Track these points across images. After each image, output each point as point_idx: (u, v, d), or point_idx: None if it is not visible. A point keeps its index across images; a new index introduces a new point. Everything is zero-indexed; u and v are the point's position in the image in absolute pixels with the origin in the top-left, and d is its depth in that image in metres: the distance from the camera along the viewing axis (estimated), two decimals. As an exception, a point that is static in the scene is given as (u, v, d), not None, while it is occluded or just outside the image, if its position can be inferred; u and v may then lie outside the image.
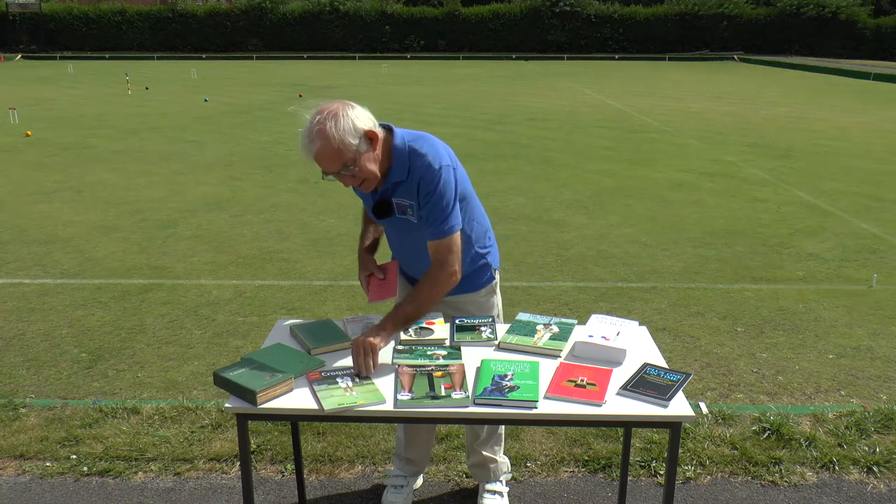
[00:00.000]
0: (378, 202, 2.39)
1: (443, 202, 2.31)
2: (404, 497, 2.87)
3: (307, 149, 2.18)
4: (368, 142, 2.22)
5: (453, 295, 2.55)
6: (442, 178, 2.29)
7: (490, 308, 2.67)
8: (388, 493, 2.88)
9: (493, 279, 2.67)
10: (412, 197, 2.33)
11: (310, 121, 2.18)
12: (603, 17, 40.30)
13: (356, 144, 2.18)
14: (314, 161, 2.19)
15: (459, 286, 2.49)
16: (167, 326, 4.53)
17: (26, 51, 36.69)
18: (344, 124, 2.16)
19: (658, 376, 2.13)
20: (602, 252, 6.07)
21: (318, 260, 5.83)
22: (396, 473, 2.92)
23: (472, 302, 2.63)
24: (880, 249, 6.22)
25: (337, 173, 2.22)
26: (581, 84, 23.08)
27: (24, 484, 2.97)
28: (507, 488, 2.92)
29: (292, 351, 2.27)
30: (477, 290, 2.62)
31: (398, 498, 2.85)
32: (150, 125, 13.21)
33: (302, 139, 2.19)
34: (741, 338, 4.44)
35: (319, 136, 2.15)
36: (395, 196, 2.37)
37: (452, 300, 2.58)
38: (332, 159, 2.18)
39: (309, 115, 2.20)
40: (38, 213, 7.15)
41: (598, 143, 11.58)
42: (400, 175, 2.31)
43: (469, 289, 2.59)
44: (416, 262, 2.50)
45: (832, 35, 39.55)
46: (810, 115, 15.68)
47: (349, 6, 39.69)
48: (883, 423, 3.42)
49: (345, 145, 2.16)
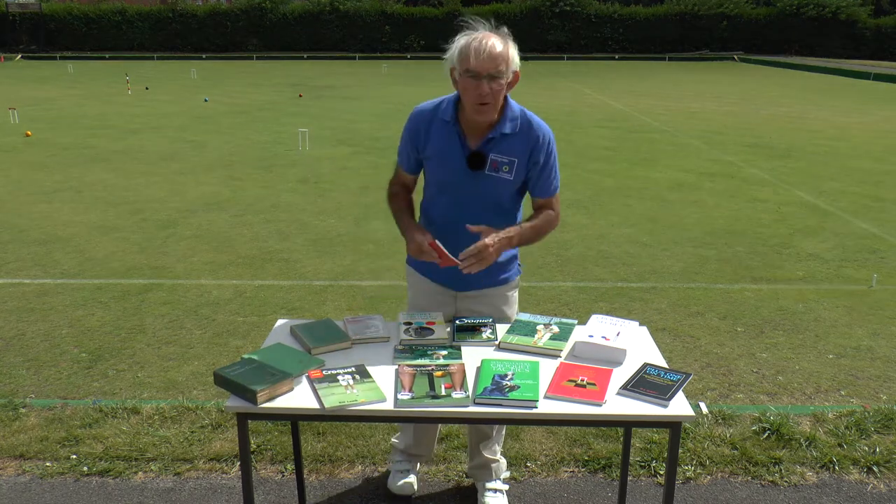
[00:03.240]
0: (475, 153, 2.44)
1: (556, 162, 2.55)
2: (412, 481, 2.93)
3: (488, 44, 2.28)
4: (513, 75, 2.38)
5: (483, 288, 2.60)
6: (554, 141, 2.54)
7: (512, 303, 2.72)
8: (394, 478, 2.94)
9: (519, 272, 2.74)
10: (515, 154, 2.45)
11: (485, 26, 2.35)
12: (603, 17, 40.26)
13: (515, 66, 2.36)
14: (485, 54, 2.27)
15: (491, 276, 2.57)
16: (167, 326, 4.53)
17: (26, 51, 36.67)
18: (516, 48, 2.38)
19: (658, 376, 2.13)
20: (602, 252, 6.07)
21: (318, 260, 5.83)
22: (400, 459, 2.98)
23: (501, 296, 2.66)
24: (880, 249, 6.22)
25: (492, 77, 2.29)
26: (581, 84, 23.09)
27: (24, 484, 2.97)
28: (507, 486, 2.94)
29: (292, 351, 2.27)
30: (507, 283, 2.67)
31: (406, 483, 2.91)
32: (150, 125, 13.21)
33: (481, 38, 2.30)
34: (741, 338, 4.44)
35: (505, 40, 2.34)
36: (494, 151, 2.44)
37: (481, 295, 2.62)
38: (503, 62, 2.30)
39: (479, 24, 2.37)
40: (38, 213, 7.15)
41: (598, 143, 11.58)
42: (510, 128, 2.43)
43: (500, 281, 2.64)
44: (462, 234, 2.42)
45: (832, 35, 39.54)
46: (810, 115, 15.68)
47: (349, 6, 39.66)
48: (883, 423, 3.42)
49: (512, 59, 2.34)
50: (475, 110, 2.35)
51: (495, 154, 2.44)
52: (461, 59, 2.31)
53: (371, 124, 13.47)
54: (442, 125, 2.47)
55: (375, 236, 6.45)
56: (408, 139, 2.55)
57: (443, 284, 2.63)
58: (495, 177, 2.46)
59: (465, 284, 2.59)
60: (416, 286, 2.71)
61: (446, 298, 2.65)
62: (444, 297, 2.65)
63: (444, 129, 2.46)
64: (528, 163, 2.47)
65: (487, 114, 2.37)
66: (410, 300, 2.77)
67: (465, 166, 2.44)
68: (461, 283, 2.57)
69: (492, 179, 2.46)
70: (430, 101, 2.54)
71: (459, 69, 2.32)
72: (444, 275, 2.57)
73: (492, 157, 2.43)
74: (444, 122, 2.46)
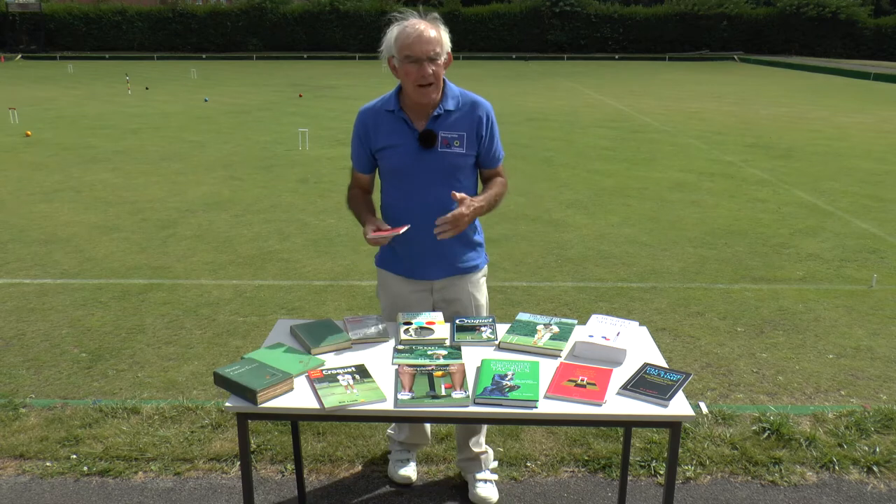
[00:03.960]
0: (425, 131, 2.52)
1: (498, 132, 2.68)
2: (412, 468, 3.00)
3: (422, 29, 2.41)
4: (447, 56, 2.51)
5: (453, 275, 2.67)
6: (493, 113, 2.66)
7: (483, 291, 2.79)
8: (393, 466, 3.01)
9: (486, 261, 2.82)
10: (462, 128, 2.55)
11: (415, 15, 2.46)
12: (603, 17, 40.26)
13: (447, 47, 2.49)
14: (420, 40, 2.38)
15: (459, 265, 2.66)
16: (167, 326, 4.53)
17: (26, 51, 36.67)
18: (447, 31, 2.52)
19: (658, 376, 2.13)
20: (602, 252, 6.07)
21: (318, 260, 5.83)
22: (398, 449, 3.03)
23: (473, 282, 2.73)
24: (880, 249, 6.22)
25: (430, 59, 2.41)
26: (581, 84, 23.09)
27: (24, 484, 2.97)
28: (496, 476, 2.99)
29: (292, 351, 2.28)
30: (478, 269, 2.74)
31: (407, 470, 2.98)
32: (150, 125, 13.21)
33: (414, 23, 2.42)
34: (741, 338, 4.44)
35: (435, 24, 2.47)
36: (442, 129, 2.53)
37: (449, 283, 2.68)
38: (437, 44, 2.43)
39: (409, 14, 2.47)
40: (38, 213, 7.15)
41: (598, 143, 11.58)
42: (452, 104, 2.55)
43: (470, 269, 2.71)
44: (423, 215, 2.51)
45: (832, 35, 39.54)
46: (810, 115, 15.68)
47: (349, 6, 39.65)
48: (883, 423, 3.42)
49: (445, 40, 2.48)
50: (419, 93, 2.46)
51: (444, 131, 2.54)
52: (399, 46, 2.42)
53: (371, 124, 13.45)
54: (387, 116, 2.56)
55: (375, 236, 6.44)
56: (357, 140, 2.65)
57: (416, 279, 2.67)
58: (449, 152, 2.54)
59: (438, 273, 2.65)
60: (391, 286, 2.73)
61: (422, 294, 2.69)
62: (420, 293, 2.69)
63: (390, 119, 2.56)
64: (475, 138, 2.58)
65: (431, 94, 2.47)
66: (387, 303, 2.76)
67: (417, 147, 2.53)
68: (434, 272, 2.65)
69: (447, 156, 2.54)
70: (371, 101, 2.65)
71: (399, 56, 2.43)
72: (417, 268, 2.64)
73: (442, 134, 2.53)
74: (389, 112, 2.56)
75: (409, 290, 2.69)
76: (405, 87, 2.50)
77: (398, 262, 2.68)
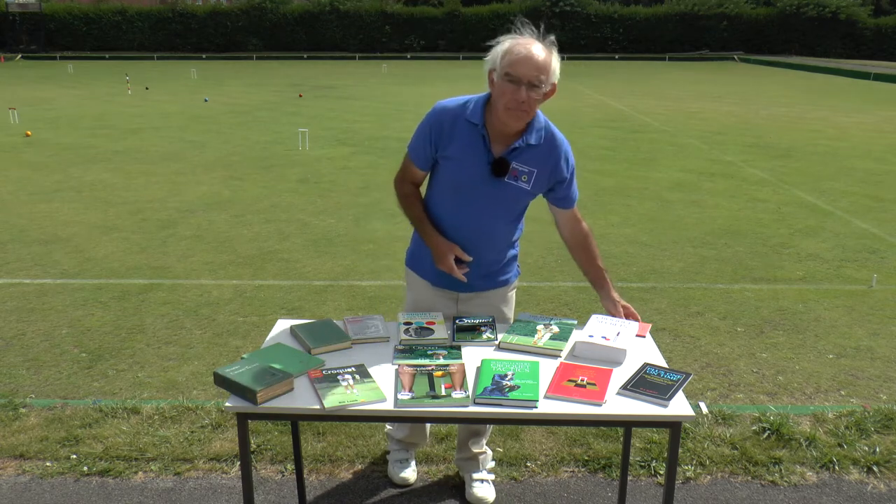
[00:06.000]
0: (499, 159, 2.40)
1: (574, 174, 2.58)
2: (411, 469, 2.99)
3: (533, 51, 2.26)
4: (551, 87, 2.34)
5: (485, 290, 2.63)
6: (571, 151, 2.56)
7: (511, 304, 2.75)
8: (393, 467, 3.00)
9: (518, 273, 2.77)
10: (537, 164, 2.43)
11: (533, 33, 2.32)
12: (603, 17, 40.27)
13: (555, 78, 2.33)
14: (528, 63, 2.24)
15: (493, 279, 2.62)
16: (167, 326, 4.53)
17: (26, 51, 36.67)
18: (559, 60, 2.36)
19: (658, 376, 2.13)
20: (602, 252, 6.02)
21: (318, 260, 5.83)
22: (397, 448, 3.02)
23: (501, 297, 2.69)
24: (880, 249, 6.22)
25: (531, 85, 2.25)
26: (581, 84, 23.08)
27: (24, 484, 2.97)
28: (493, 476, 2.99)
29: (292, 351, 2.28)
30: (507, 284, 2.70)
31: (406, 472, 2.97)
32: (150, 125, 13.21)
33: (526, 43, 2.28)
34: (741, 338, 4.44)
35: (549, 49, 2.31)
36: (517, 160, 2.41)
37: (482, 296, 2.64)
38: (545, 72, 2.28)
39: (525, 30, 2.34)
40: (38, 213, 7.15)
41: (598, 143, 11.58)
42: (535, 139, 2.41)
43: (500, 283, 2.67)
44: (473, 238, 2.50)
45: (832, 35, 39.55)
46: (810, 115, 15.68)
47: (349, 6, 39.67)
48: (883, 423, 3.42)
49: (555, 68, 2.32)
50: (507, 115, 2.30)
51: (517, 163, 2.41)
52: (504, 62, 2.26)
53: (371, 124, 13.47)
54: (467, 126, 2.39)
55: (375, 236, 6.45)
56: (427, 135, 2.45)
57: (444, 288, 2.62)
58: (514, 185, 2.43)
59: (467, 287, 2.58)
60: (417, 289, 2.70)
61: (447, 301, 2.64)
62: (445, 301, 2.64)
63: (470, 131, 2.39)
64: (549, 176, 2.47)
65: (519, 120, 2.33)
66: (410, 303, 2.75)
67: (486, 172, 2.39)
68: (463, 285, 2.56)
69: (510, 188, 2.43)
70: (454, 99, 2.46)
71: (500, 72, 2.27)
72: (446, 278, 2.55)
73: (514, 164, 2.40)
74: (471, 124, 2.39)
75: (434, 295, 2.64)
76: (495, 104, 2.32)
77: (430, 269, 2.58)
